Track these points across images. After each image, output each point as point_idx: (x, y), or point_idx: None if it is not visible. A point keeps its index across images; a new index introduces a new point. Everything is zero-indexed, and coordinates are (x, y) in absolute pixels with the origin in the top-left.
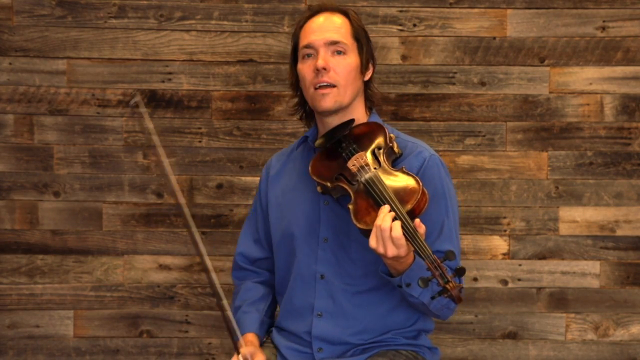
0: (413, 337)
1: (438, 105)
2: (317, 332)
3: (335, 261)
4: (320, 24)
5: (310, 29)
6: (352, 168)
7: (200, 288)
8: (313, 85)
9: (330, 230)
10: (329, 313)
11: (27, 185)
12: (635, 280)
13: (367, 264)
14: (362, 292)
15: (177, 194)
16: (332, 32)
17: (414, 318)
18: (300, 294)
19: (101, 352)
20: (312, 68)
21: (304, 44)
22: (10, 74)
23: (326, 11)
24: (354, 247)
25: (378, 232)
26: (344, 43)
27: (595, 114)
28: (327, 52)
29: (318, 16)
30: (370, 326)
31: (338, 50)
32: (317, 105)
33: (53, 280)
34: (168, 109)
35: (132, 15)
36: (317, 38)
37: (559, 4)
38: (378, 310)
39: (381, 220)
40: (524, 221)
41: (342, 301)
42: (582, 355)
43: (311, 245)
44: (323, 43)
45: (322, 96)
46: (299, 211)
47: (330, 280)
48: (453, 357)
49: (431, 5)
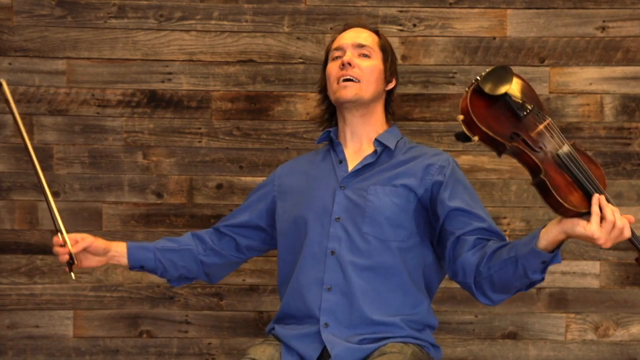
0: (418, 330)
1: (438, 105)
2: (327, 306)
3: (346, 236)
4: (351, 32)
5: (342, 36)
6: (542, 133)
7: (200, 288)
8: (337, 78)
9: (343, 211)
10: (338, 287)
11: (27, 185)
12: (635, 281)
13: (376, 240)
14: (372, 268)
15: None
16: (361, 38)
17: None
18: (310, 270)
19: (101, 352)
20: (338, 64)
21: (334, 47)
22: (10, 74)
23: (359, 26)
24: (367, 222)
25: (608, 227)
26: (371, 48)
27: (595, 114)
28: (354, 52)
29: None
30: (378, 302)
31: (364, 54)
32: (338, 96)
33: (53, 281)
34: (168, 109)
35: (132, 15)
36: (346, 41)
37: (559, 4)
38: (386, 287)
39: (612, 216)
40: (524, 221)
41: (352, 275)
42: (582, 355)
43: (324, 224)
44: (351, 44)
45: (344, 87)
46: (315, 196)
47: (341, 255)
48: (453, 357)
49: (431, 5)
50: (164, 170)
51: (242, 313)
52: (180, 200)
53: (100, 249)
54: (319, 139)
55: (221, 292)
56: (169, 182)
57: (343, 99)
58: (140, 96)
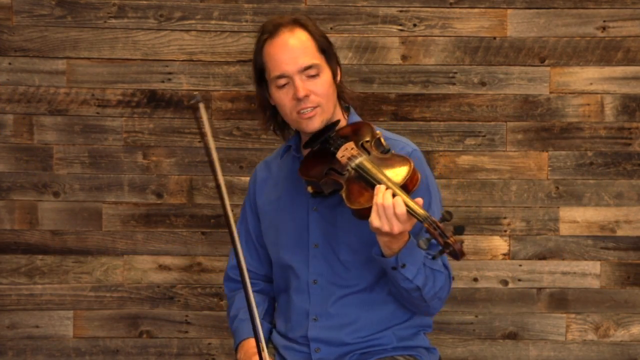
0: (410, 337)
1: (438, 105)
2: (314, 335)
3: (327, 266)
4: (286, 49)
5: (278, 57)
6: (342, 159)
7: (200, 288)
8: (295, 111)
9: (319, 236)
10: (323, 316)
11: (26, 186)
12: (635, 281)
13: (357, 265)
14: (355, 293)
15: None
16: (302, 56)
17: (410, 312)
18: (295, 301)
19: (101, 352)
20: (290, 97)
21: (276, 75)
22: (9, 74)
23: (283, 28)
24: (344, 250)
25: (381, 211)
26: (316, 64)
27: (596, 114)
28: (302, 77)
29: (278, 37)
30: (366, 324)
31: (312, 74)
32: (304, 128)
33: (53, 281)
34: (168, 109)
35: (132, 15)
36: (289, 68)
37: (559, 4)
38: (372, 308)
39: (382, 199)
40: (524, 221)
41: (336, 303)
42: (583, 355)
43: (302, 253)
44: (296, 71)
45: (308, 120)
46: (288, 219)
47: (323, 284)
48: (453, 358)
49: (431, 5)
50: (164, 170)
51: None
52: (180, 200)
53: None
54: (280, 151)
55: (221, 292)
56: (169, 182)
57: (310, 131)
58: (140, 96)
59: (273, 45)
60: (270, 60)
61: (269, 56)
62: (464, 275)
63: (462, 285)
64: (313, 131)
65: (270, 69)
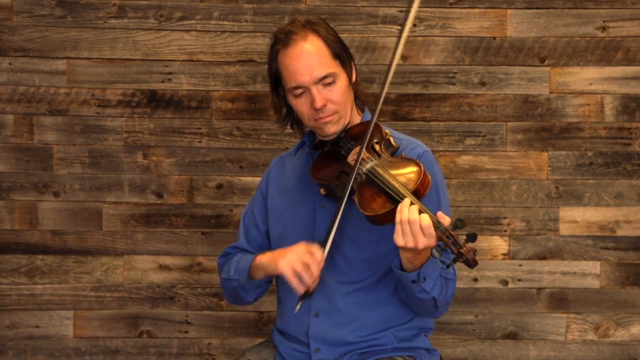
0: (410, 338)
1: (438, 105)
2: (315, 332)
3: (331, 261)
4: (301, 60)
5: (293, 68)
6: (353, 163)
7: (200, 288)
8: (313, 119)
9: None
10: (325, 312)
11: (26, 186)
12: (635, 281)
13: (361, 262)
14: (358, 290)
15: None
16: (317, 67)
17: (412, 314)
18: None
19: (101, 352)
20: (308, 105)
21: (292, 86)
22: (10, 74)
23: (296, 36)
24: (348, 246)
25: (406, 227)
26: (331, 73)
27: (596, 114)
28: (319, 87)
29: (293, 47)
30: (367, 323)
31: (328, 83)
32: (322, 134)
33: (53, 281)
34: (168, 109)
35: (132, 15)
36: (305, 79)
37: (559, 4)
38: (374, 307)
39: (407, 214)
40: (524, 221)
41: (338, 300)
42: (583, 355)
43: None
44: (312, 82)
45: (326, 125)
46: (296, 214)
47: (326, 280)
48: (453, 358)
49: (431, 5)
50: (164, 170)
51: (242, 313)
52: (181, 200)
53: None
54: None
55: (221, 292)
56: (169, 182)
57: (330, 136)
58: (140, 96)
59: (288, 55)
60: (285, 70)
61: (284, 66)
62: (464, 275)
63: (462, 285)
64: (332, 136)
65: (286, 79)
